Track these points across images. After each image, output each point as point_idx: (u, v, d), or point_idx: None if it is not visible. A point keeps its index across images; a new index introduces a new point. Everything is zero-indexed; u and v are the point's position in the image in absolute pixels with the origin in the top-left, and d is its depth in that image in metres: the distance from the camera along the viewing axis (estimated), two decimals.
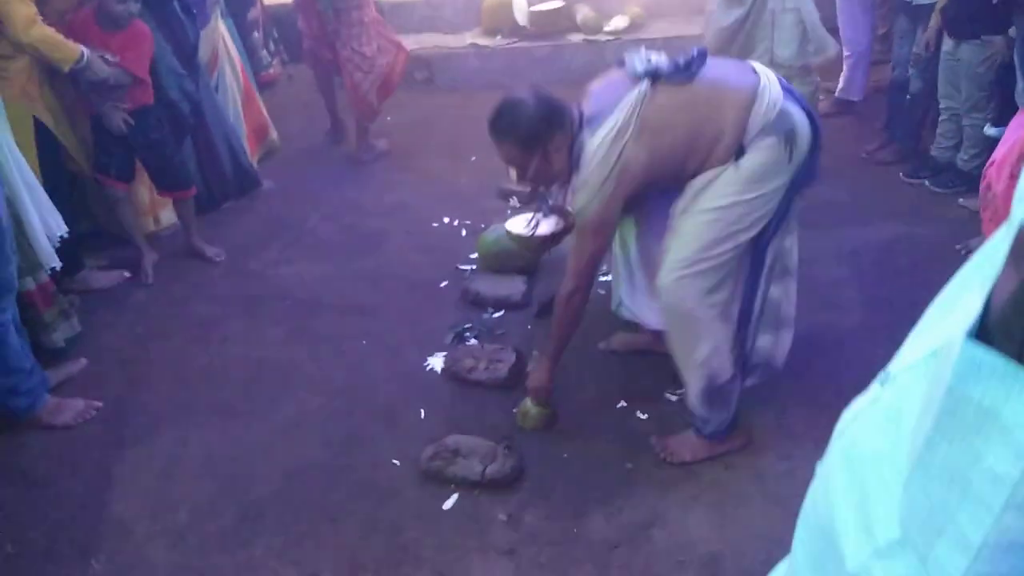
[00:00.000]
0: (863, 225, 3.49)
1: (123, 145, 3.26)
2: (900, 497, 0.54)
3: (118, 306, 3.24)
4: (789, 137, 2.01)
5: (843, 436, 0.68)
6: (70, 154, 3.22)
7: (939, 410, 0.50)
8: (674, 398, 2.53)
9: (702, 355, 2.12)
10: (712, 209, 2.04)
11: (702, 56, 2.07)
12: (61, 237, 2.82)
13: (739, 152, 2.02)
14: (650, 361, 2.65)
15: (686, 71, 2.04)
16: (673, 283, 2.08)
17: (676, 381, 2.57)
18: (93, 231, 3.58)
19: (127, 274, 3.42)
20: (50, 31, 2.87)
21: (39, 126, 3.01)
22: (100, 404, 2.65)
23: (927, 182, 3.78)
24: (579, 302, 2.20)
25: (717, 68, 2.11)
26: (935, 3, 3.58)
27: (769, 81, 2.06)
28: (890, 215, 3.56)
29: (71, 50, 2.92)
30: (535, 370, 2.42)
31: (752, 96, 2.01)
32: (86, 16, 3.12)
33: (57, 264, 2.79)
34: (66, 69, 2.94)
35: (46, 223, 2.77)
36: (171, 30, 3.46)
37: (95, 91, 3.12)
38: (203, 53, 3.76)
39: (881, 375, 0.65)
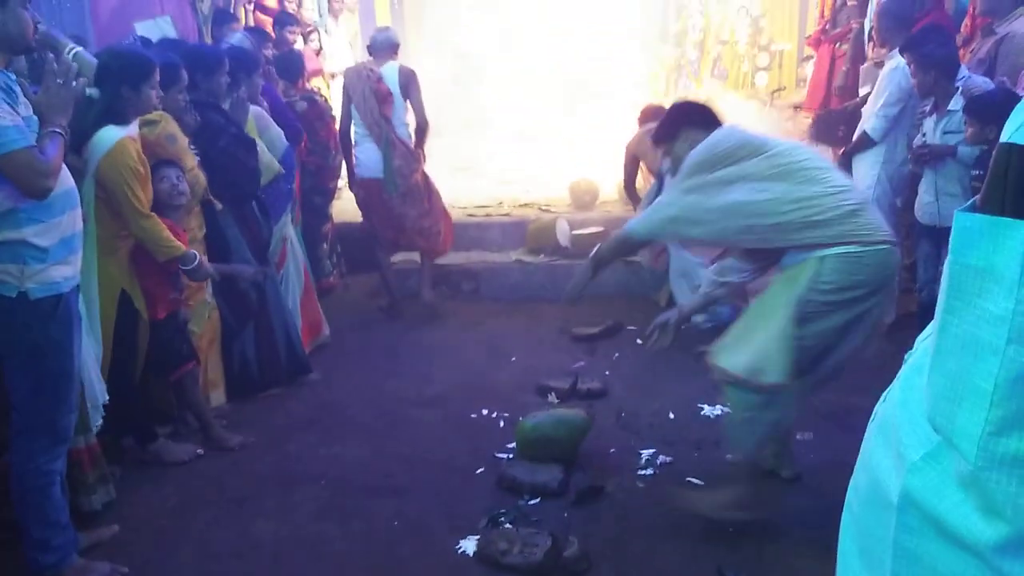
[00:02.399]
0: None
1: (184, 329, 3.50)
2: (926, 403, 0.57)
3: (156, 476, 3.26)
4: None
5: (874, 417, 0.71)
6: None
7: (945, 294, 0.57)
8: None
9: None
10: None
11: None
12: (104, 405, 2.89)
13: None
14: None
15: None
16: None
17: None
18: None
19: (200, 451, 3.45)
20: (160, 227, 3.07)
21: (124, 302, 3.13)
22: (126, 570, 2.60)
23: None
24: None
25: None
26: None
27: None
28: None
29: (175, 248, 3.13)
30: None
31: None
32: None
33: (97, 426, 2.86)
34: (161, 259, 3.14)
35: (93, 388, 2.87)
36: (248, 227, 3.84)
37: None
38: (273, 247, 4.12)
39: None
